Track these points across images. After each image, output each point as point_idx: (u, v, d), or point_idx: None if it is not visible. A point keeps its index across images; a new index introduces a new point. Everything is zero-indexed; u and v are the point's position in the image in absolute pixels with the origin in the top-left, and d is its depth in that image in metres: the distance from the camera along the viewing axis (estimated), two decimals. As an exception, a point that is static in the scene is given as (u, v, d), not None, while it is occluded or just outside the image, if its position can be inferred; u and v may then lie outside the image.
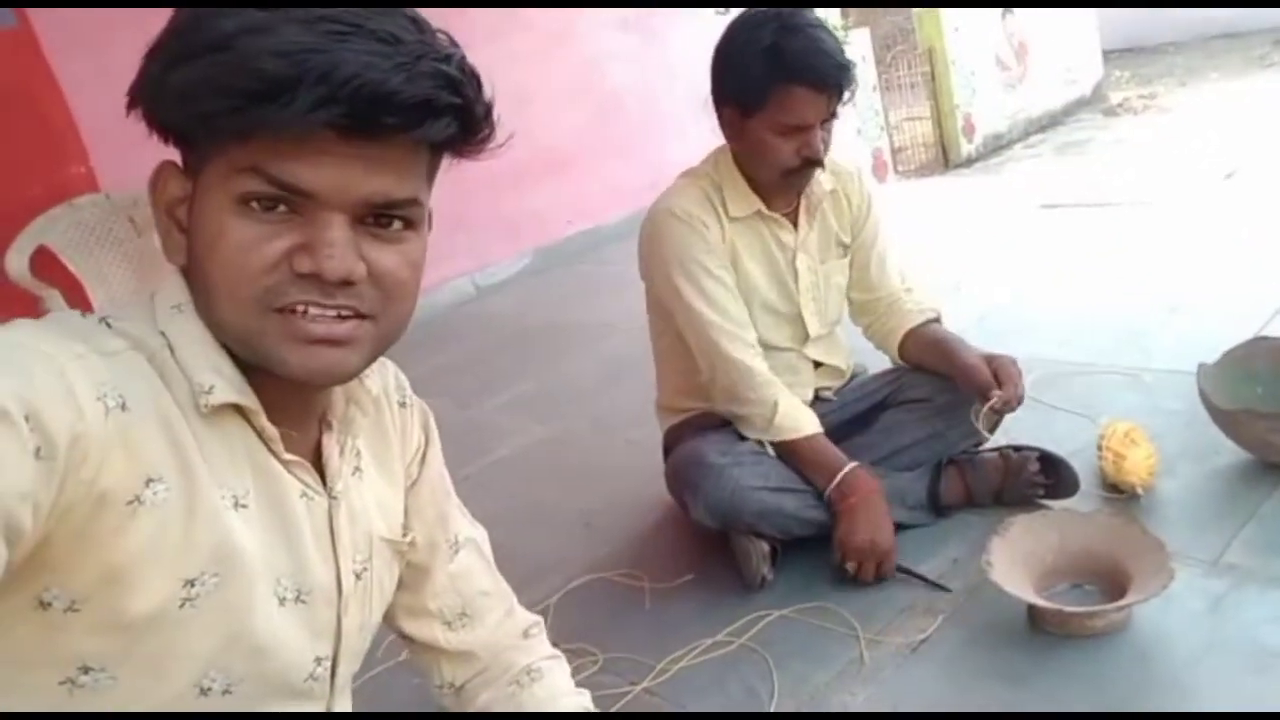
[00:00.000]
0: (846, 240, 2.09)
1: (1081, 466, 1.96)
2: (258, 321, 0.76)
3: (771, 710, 1.60)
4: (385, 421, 0.99)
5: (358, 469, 0.93)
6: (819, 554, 1.95)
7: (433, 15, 0.80)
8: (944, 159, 7.10)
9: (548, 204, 5.00)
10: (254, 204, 0.74)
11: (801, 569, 1.93)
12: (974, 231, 4.26)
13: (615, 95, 5.29)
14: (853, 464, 1.87)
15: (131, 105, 0.77)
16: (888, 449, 2.01)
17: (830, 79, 1.79)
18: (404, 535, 1.00)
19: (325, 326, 0.77)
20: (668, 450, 2.12)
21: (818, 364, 2.11)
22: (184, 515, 0.75)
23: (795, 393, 1.99)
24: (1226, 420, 1.91)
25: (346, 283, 0.76)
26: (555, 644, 1.21)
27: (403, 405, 1.03)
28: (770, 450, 1.94)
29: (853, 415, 2.08)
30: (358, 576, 0.92)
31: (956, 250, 3.90)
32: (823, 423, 2.05)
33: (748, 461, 1.87)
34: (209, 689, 0.80)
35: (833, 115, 1.85)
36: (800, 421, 1.90)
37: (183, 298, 0.80)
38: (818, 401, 2.09)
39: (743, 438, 1.94)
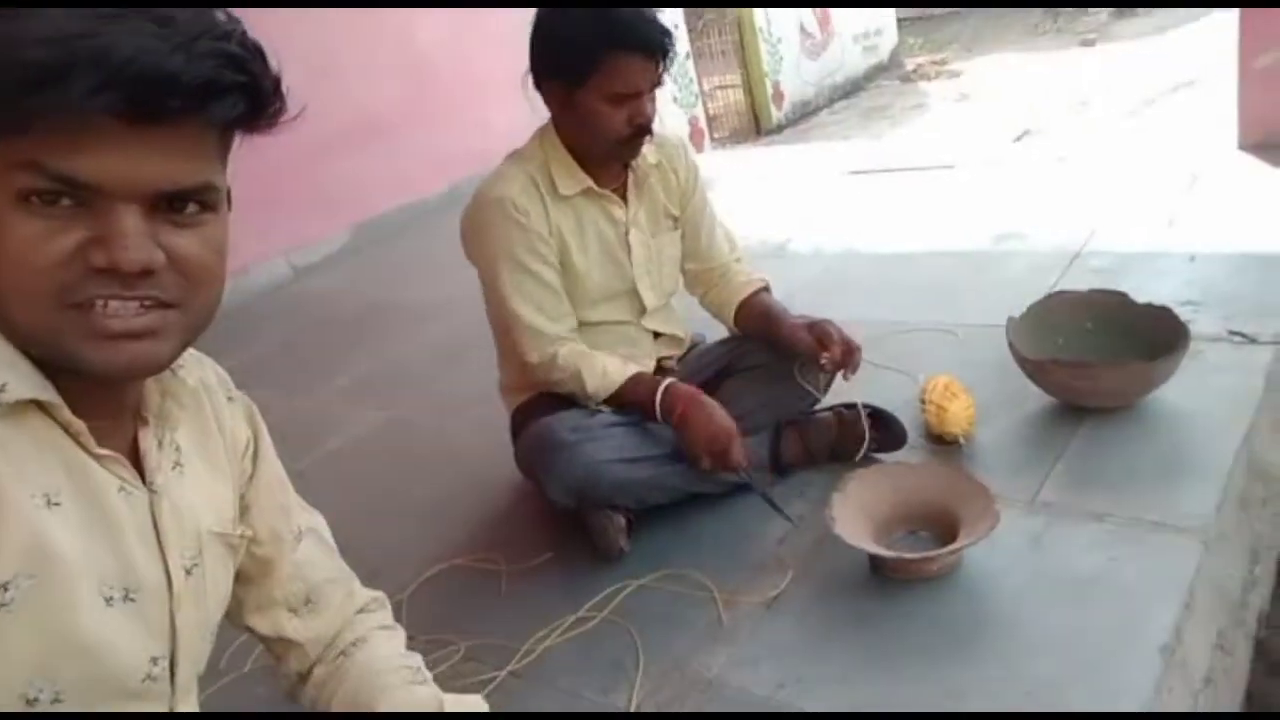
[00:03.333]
0: (675, 212, 2.13)
1: (907, 420, 2.09)
2: (53, 319, 0.74)
3: (637, 679, 1.63)
4: (206, 414, 0.98)
5: (178, 464, 0.92)
6: (673, 521, 2.00)
7: None
8: (755, 126, 7.32)
9: (366, 176, 4.80)
10: (34, 199, 0.71)
11: (657, 538, 1.97)
12: (790, 199, 4.39)
13: (430, 61, 5.12)
14: (666, 381, 1.93)
15: None
16: (732, 415, 2.07)
17: (658, 44, 1.83)
18: (235, 529, 0.99)
19: (123, 321, 0.75)
20: (515, 430, 2.11)
21: (657, 335, 2.15)
22: None
23: (636, 363, 2.04)
24: (1034, 369, 2.07)
25: (146, 272, 0.74)
26: (413, 636, 1.21)
27: (230, 400, 1.02)
28: (607, 411, 1.98)
29: (697, 385, 2.12)
30: (188, 572, 0.90)
31: (775, 217, 4.02)
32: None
33: (600, 436, 1.89)
34: (35, 699, 0.77)
35: (659, 82, 1.88)
36: (610, 375, 1.94)
37: None
38: (660, 371, 2.13)
39: (593, 411, 1.95)
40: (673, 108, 6.50)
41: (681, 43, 6.75)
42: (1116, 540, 1.70)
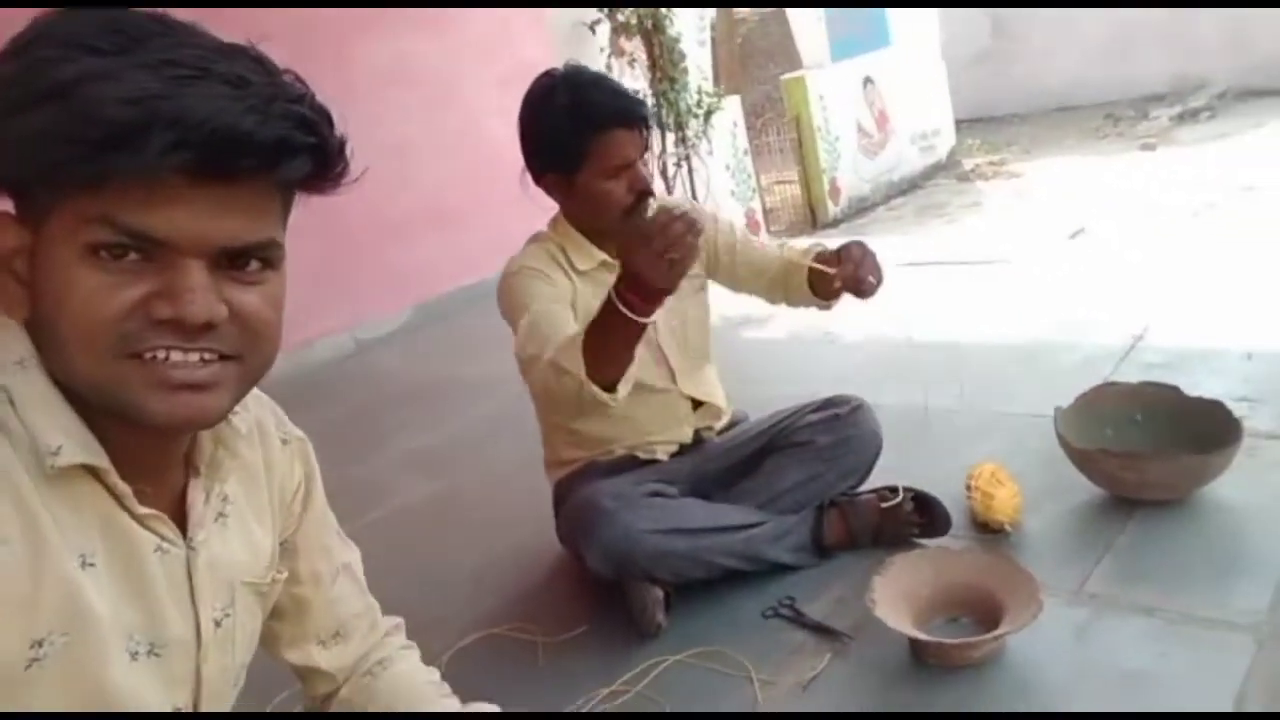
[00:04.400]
0: (695, 271, 2.12)
1: (951, 506, 2.06)
2: (115, 370, 0.75)
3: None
4: (257, 460, 0.99)
5: (222, 514, 0.92)
6: (712, 599, 1.98)
7: (320, 60, 0.82)
8: (812, 219, 7.40)
9: (430, 257, 4.97)
10: (103, 253, 0.73)
11: (695, 615, 1.95)
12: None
13: (496, 151, 5.30)
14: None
15: None
16: (771, 493, 2.07)
17: (636, 114, 1.91)
18: (267, 576, 0.99)
19: (186, 372, 0.76)
20: (558, 504, 2.13)
21: (697, 404, 2.16)
22: (30, 576, 0.74)
23: (674, 432, 2.11)
24: (1082, 459, 2.04)
25: (208, 326, 0.76)
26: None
27: (285, 442, 1.03)
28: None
29: (738, 460, 2.15)
30: (218, 624, 0.91)
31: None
32: (708, 469, 2.14)
33: (640, 506, 1.90)
34: None
35: (647, 147, 1.96)
36: (569, 338, 1.69)
37: (25, 352, 0.78)
38: (698, 442, 2.15)
39: (634, 483, 1.97)
40: (730, 201, 6.62)
41: (740, 139, 6.91)
42: (1166, 635, 1.66)
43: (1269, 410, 2.32)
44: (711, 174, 6.23)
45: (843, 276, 1.83)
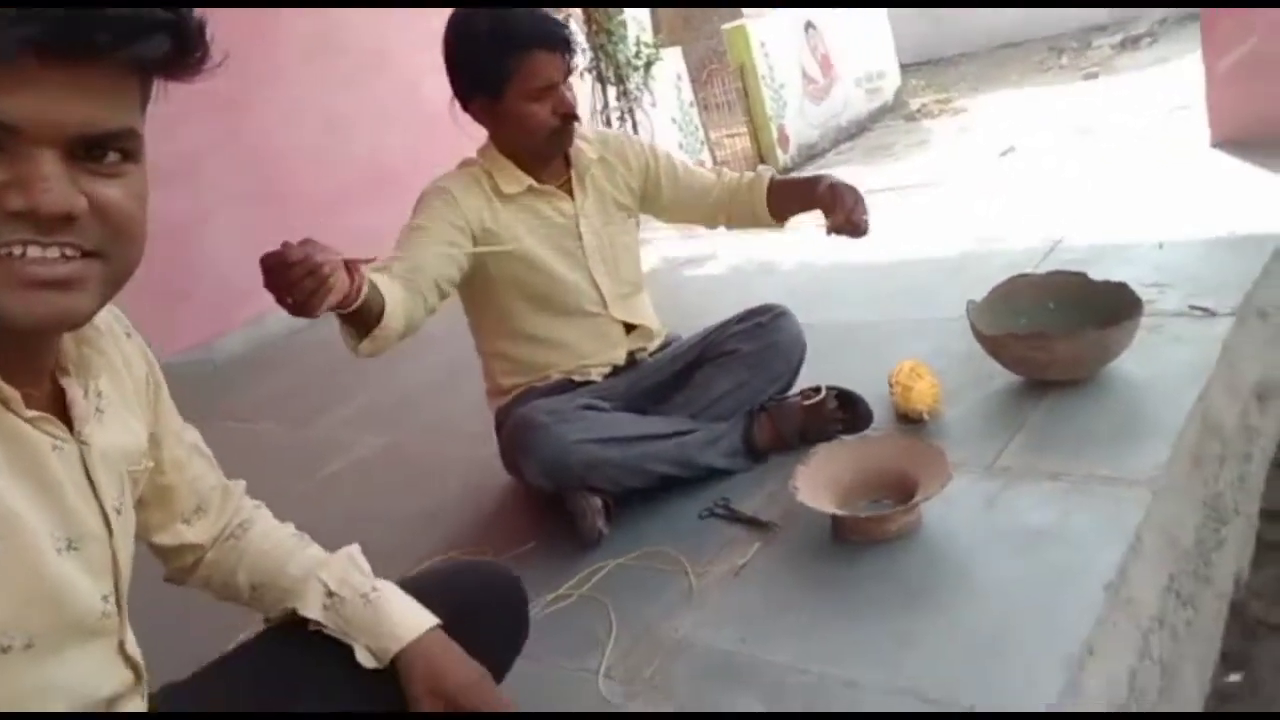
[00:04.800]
0: (626, 201, 2.21)
1: (875, 405, 2.15)
2: None
3: (609, 645, 1.70)
4: (117, 356, 1.00)
5: (99, 410, 0.93)
6: (651, 506, 2.06)
7: (240, 35, 0.81)
8: (763, 168, 7.48)
9: (375, 225, 4.97)
10: None
11: (636, 523, 2.03)
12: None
13: (434, 111, 5.32)
14: None
15: None
16: (703, 403, 2.15)
17: (558, 36, 1.96)
18: (141, 464, 1.02)
19: (47, 268, 0.73)
20: (499, 429, 2.20)
21: (630, 328, 2.24)
22: None
23: (608, 355, 2.17)
24: (992, 345, 2.13)
25: (67, 219, 0.72)
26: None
27: (129, 335, 1.04)
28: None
29: (670, 375, 2.22)
30: (118, 512, 0.93)
31: (765, 234, 4.13)
32: (642, 386, 2.21)
33: (572, 418, 1.97)
34: (9, 647, 0.80)
35: (570, 71, 2.01)
36: None
37: None
38: (632, 364, 2.22)
39: (569, 400, 2.05)
40: (677, 154, 6.67)
41: (685, 91, 6.96)
42: (1069, 495, 1.75)
43: (1176, 293, 2.42)
44: (656, 127, 6.28)
45: (838, 224, 1.97)
